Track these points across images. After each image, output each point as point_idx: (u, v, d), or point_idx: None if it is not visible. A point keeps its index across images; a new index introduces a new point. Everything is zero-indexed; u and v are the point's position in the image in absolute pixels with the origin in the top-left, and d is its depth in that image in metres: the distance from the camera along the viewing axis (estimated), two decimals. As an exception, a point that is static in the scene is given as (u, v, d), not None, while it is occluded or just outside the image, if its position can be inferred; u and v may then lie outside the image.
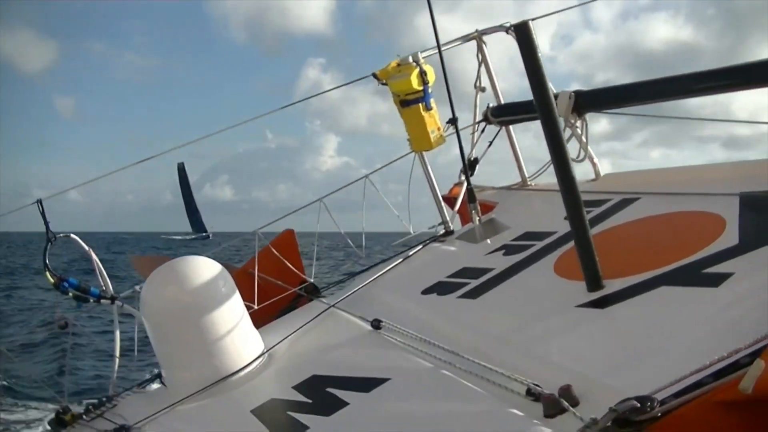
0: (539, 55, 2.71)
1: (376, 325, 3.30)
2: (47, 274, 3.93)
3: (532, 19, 2.90)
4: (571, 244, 3.27)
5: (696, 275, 2.68)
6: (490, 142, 5.51)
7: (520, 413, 2.11)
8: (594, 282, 2.84)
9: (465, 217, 5.01)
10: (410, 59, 4.50)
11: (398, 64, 4.55)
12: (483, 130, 5.51)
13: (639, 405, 1.64)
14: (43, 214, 3.96)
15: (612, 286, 2.82)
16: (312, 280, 4.69)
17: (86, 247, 4.10)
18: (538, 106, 2.76)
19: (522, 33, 2.71)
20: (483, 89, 5.39)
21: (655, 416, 1.62)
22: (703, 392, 1.63)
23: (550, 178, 5.37)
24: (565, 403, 2.01)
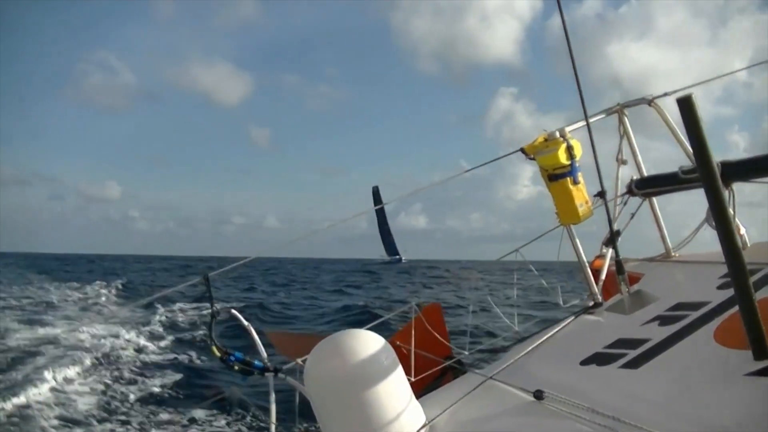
0: (702, 126, 2.77)
1: (539, 395, 3.27)
2: (214, 348, 4.02)
3: (692, 85, 2.96)
4: (730, 312, 3.23)
5: None
6: (633, 214, 5.52)
7: None
8: (761, 350, 2.78)
9: (608, 290, 5.01)
10: (557, 134, 4.63)
11: (545, 139, 4.68)
12: (626, 203, 5.54)
13: None
14: (209, 289, 4.05)
15: None
16: (467, 353, 4.77)
17: (245, 322, 4.22)
18: (702, 176, 2.80)
19: (685, 106, 2.78)
20: (625, 162, 5.44)
21: None
22: None
23: (692, 249, 5.33)
24: None
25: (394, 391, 3.35)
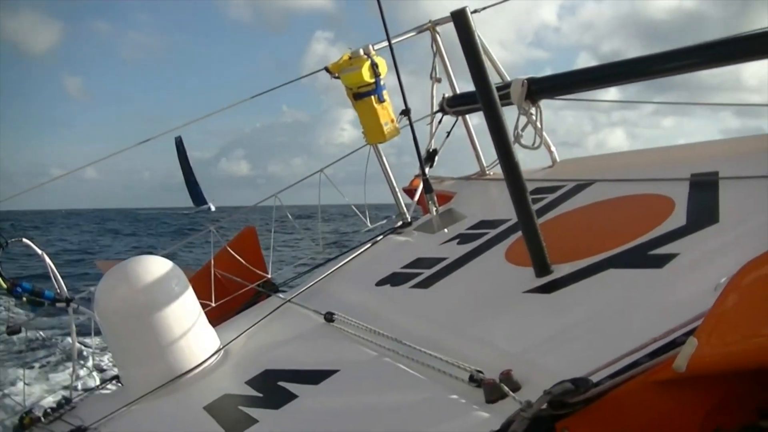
0: (478, 41, 2.70)
1: (329, 318, 3.32)
2: (0, 280, 3.87)
3: (481, 9, 2.87)
4: None
5: (642, 257, 2.70)
6: (448, 133, 5.52)
7: (462, 399, 2.11)
8: (542, 267, 2.85)
9: (425, 209, 5.02)
10: (361, 52, 4.50)
11: (350, 57, 4.54)
12: (440, 121, 5.52)
13: (574, 387, 1.61)
14: None
15: (560, 270, 2.83)
16: (270, 276, 4.68)
17: (39, 251, 4.07)
18: (479, 94, 2.75)
19: (459, 20, 2.69)
20: (439, 80, 5.39)
21: (590, 397, 1.61)
22: (638, 372, 1.61)
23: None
24: (506, 388, 1.99)
25: (186, 316, 3.32)
